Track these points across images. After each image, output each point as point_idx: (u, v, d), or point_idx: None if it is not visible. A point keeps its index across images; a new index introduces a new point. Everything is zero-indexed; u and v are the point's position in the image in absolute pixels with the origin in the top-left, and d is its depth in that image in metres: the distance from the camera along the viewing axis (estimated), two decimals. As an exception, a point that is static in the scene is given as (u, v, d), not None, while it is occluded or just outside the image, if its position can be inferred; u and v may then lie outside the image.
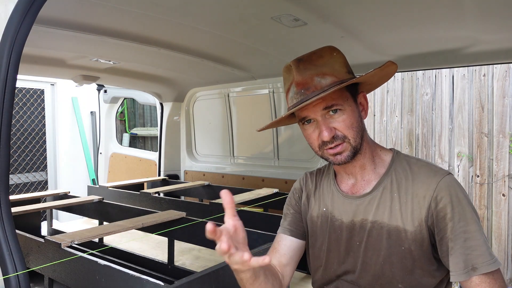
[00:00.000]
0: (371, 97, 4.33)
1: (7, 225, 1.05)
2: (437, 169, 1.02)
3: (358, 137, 1.03)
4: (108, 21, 1.82)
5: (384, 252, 1.03)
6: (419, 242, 0.99)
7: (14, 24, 1.03)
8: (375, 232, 1.04)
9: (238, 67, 2.79)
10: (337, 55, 1.06)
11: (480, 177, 3.66)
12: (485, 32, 1.76)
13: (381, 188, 1.06)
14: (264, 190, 2.92)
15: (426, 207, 0.98)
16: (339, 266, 1.11)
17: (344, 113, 1.01)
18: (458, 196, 0.97)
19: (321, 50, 1.06)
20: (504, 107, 3.51)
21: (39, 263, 1.73)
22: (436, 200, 0.97)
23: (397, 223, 1.01)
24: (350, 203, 1.10)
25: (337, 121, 1.01)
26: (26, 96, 5.00)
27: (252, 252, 1.26)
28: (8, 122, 1.05)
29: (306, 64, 1.03)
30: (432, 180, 0.99)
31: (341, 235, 1.10)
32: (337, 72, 1.03)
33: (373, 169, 1.10)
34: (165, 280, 1.45)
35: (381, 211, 1.04)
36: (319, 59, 1.03)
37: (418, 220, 0.99)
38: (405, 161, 1.08)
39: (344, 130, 1.02)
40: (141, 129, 6.47)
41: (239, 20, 1.83)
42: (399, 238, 1.01)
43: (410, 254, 1.00)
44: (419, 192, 1.00)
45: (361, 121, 1.06)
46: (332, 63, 1.03)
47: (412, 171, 1.04)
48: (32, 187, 5.15)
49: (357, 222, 1.08)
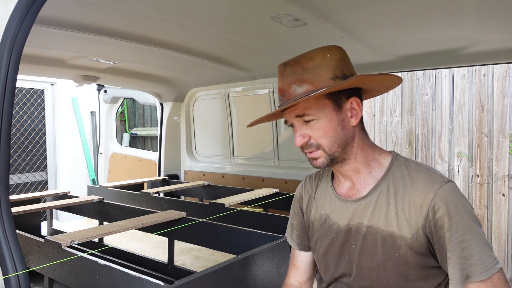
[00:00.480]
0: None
1: (7, 225, 1.05)
2: (437, 177, 1.00)
3: (334, 145, 1.02)
4: (108, 21, 1.82)
5: (379, 257, 1.02)
6: (415, 249, 0.98)
7: (14, 24, 1.03)
8: (370, 237, 1.04)
9: (238, 67, 2.79)
10: (330, 57, 1.02)
11: (480, 177, 3.66)
12: (485, 32, 1.76)
13: (377, 193, 1.05)
14: (264, 190, 2.92)
15: (423, 216, 0.97)
16: (336, 269, 1.12)
17: (318, 122, 1.01)
18: (457, 205, 0.95)
19: (313, 51, 1.03)
20: (504, 107, 3.50)
21: (39, 263, 1.73)
22: (433, 209, 0.96)
23: (392, 229, 1.01)
24: (346, 206, 1.10)
25: (311, 129, 1.02)
26: (26, 96, 5.00)
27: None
28: (8, 122, 1.05)
29: (292, 68, 1.02)
30: (430, 189, 0.97)
31: (337, 238, 1.11)
32: (318, 79, 1.00)
33: (369, 173, 1.08)
34: (165, 280, 1.45)
35: (376, 216, 1.03)
36: (308, 62, 1.01)
37: (415, 227, 0.98)
38: (404, 165, 1.06)
39: (318, 139, 1.02)
40: (141, 129, 6.47)
41: (239, 20, 1.83)
42: (394, 244, 1.00)
43: (406, 261, 0.99)
44: (417, 200, 0.98)
45: (344, 129, 1.03)
46: (320, 68, 1.00)
47: (411, 177, 1.02)
48: (32, 187, 5.15)
49: (352, 226, 1.07)
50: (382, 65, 2.39)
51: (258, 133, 3.32)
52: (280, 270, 1.70)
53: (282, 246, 1.72)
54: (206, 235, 2.07)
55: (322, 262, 1.16)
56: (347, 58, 1.06)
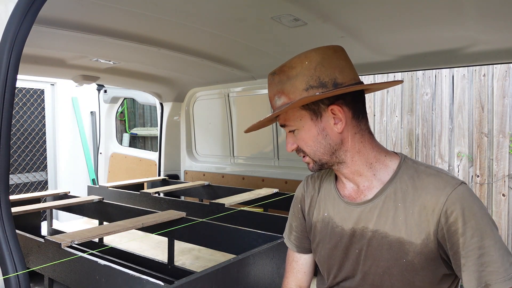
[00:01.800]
0: (371, 97, 4.33)
1: (7, 225, 1.05)
2: (448, 179, 0.95)
3: (317, 153, 1.03)
4: (108, 21, 1.82)
5: (384, 263, 1.00)
6: (424, 255, 0.95)
7: (14, 24, 1.03)
8: (375, 242, 1.01)
9: (238, 67, 2.79)
10: (308, 64, 0.99)
11: (480, 177, 3.66)
12: (485, 32, 1.76)
13: (383, 197, 1.01)
14: (264, 190, 2.92)
15: (435, 221, 0.93)
16: (339, 272, 1.10)
17: (299, 132, 1.03)
18: (472, 209, 0.91)
19: (294, 59, 1.01)
20: (504, 107, 3.51)
21: (39, 263, 1.73)
22: (446, 214, 0.92)
23: (400, 235, 0.97)
24: (351, 209, 1.07)
25: (296, 137, 1.06)
26: (26, 96, 5.00)
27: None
28: (8, 122, 1.05)
29: (281, 76, 1.03)
30: (442, 192, 0.93)
31: (342, 241, 1.08)
32: (293, 90, 0.99)
33: (373, 175, 1.05)
34: (165, 280, 1.45)
35: (383, 221, 1.00)
36: (291, 70, 1.01)
37: (426, 233, 0.94)
38: (413, 168, 1.01)
39: (302, 147, 1.05)
40: (141, 129, 6.47)
41: (239, 20, 1.83)
42: (402, 250, 0.97)
43: (413, 267, 0.96)
44: (428, 205, 0.94)
45: (326, 137, 1.01)
46: (296, 78, 1.00)
47: (421, 179, 0.98)
48: (32, 187, 5.15)
49: (357, 230, 1.05)
50: (382, 65, 2.39)
51: (258, 133, 3.32)
52: (280, 270, 1.70)
53: (282, 246, 1.71)
54: (206, 235, 2.07)
55: (325, 265, 1.14)
56: (328, 61, 1.00)
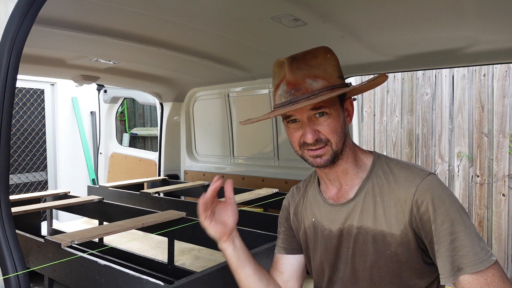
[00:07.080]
0: (371, 97, 4.33)
1: (7, 225, 1.05)
2: (417, 171, 1.01)
3: (340, 142, 1.02)
4: (108, 21, 1.82)
5: (371, 257, 1.03)
6: (405, 245, 0.98)
7: (14, 24, 1.03)
8: (361, 238, 1.04)
9: (238, 67, 2.79)
10: (330, 57, 1.04)
11: (480, 177, 3.66)
12: (485, 32, 1.76)
13: (363, 193, 1.05)
14: (264, 190, 2.92)
15: (408, 211, 0.98)
16: (333, 274, 1.12)
17: (329, 117, 1.01)
18: (441, 197, 0.95)
19: (315, 50, 1.04)
20: (504, 107, 3.51)
21: (39, 263, 1.73)
22: (417, 204, 0.96)
23: (381, 228, 1.01)
24: (336, 211, 1.10)
25: (322, 124, 1.01)
26: (26, 96, 5.00)
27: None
28: (8, 122, 1.05)
29: (300, 63, 1.01)
30: (412, 184, 0.98)
31: (331, 243, 1.10)
32: (329, 75, 1.01)
33: (356, 173, 1.09)
34: (165, 280, 1.45)
35: (365, 216, 1.04)
36: (313, 59, 1.02)
37: (403, 223, 0.98)
38: (385, 163, 1.07)
39: (328, 134, 1.01)
40: (141, 129, 6.47)
41: (239, 20, 1.83)
42: (385, 242, 1.00)
43: (397, 258, 0.99)
44: (401, 197, 0.99)
45: (345, 127, 1.05)
46: (325, 66, 1.02)
47: (393, 174, 1.04)
48: (32, 187, 5.15)
49: (344, 229, 1.08)
50: (382, 65, 2.39)
51: (258, 133, 3.32)
52: (280, 270, 1.70)
53: (282, 246, 1.71)
54: (206, 235, 2.06)
55: (319, 270, 1.16)
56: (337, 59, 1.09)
